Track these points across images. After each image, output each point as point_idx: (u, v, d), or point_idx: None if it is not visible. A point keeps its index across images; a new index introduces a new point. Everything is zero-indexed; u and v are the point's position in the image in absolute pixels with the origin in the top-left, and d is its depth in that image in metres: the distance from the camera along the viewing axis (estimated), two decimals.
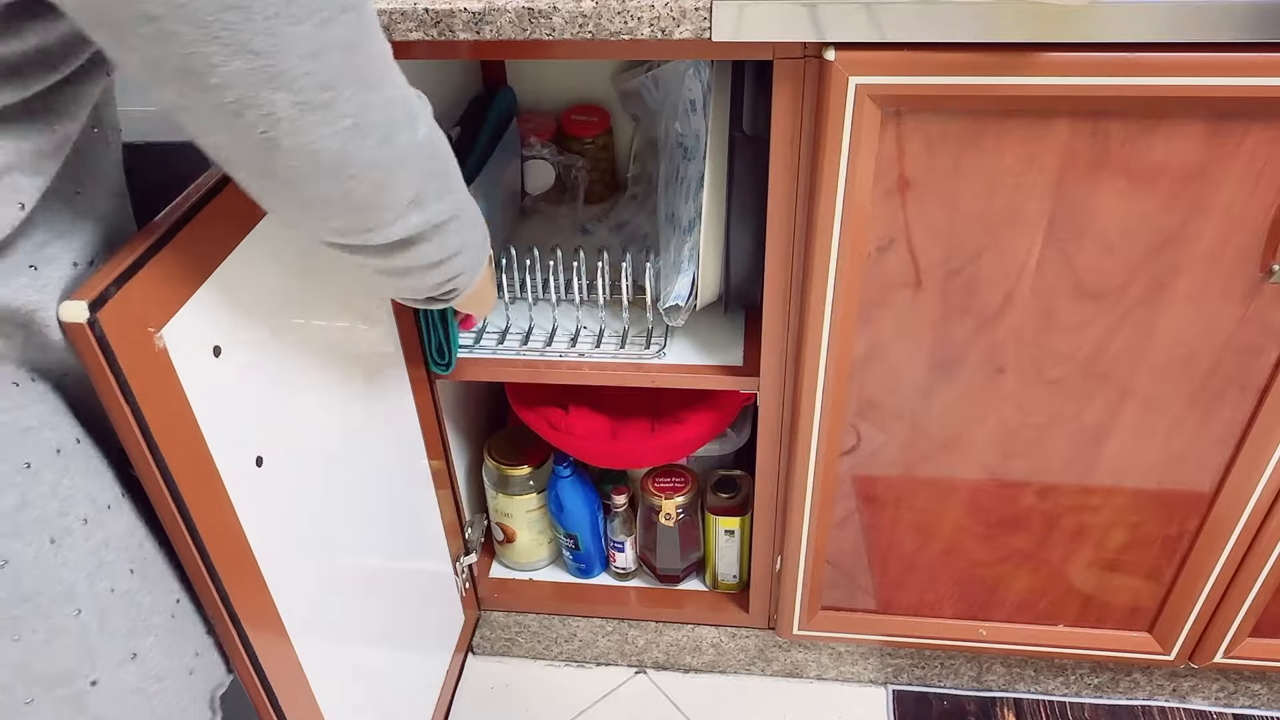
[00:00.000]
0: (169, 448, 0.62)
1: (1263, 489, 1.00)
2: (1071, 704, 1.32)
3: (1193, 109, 0.78)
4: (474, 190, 1.05)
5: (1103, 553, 1.11)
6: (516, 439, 1.29)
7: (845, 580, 1.19)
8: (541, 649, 1.40)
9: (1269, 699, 1.30)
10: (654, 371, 1.06)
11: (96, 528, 0.61)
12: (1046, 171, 0.83)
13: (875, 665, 1.34)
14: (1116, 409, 0.98)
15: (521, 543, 1.34)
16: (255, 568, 0.75)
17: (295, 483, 0.81)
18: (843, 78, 0.78)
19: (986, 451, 1.03)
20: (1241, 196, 0.82)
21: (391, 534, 1.05)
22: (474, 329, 1.12)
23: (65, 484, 0.58)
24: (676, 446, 1.18)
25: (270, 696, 0.78)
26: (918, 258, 0.89)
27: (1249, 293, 0.88)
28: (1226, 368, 0.93)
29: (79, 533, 0.59)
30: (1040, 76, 0.76)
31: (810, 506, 1.10)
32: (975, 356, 0.96)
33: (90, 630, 0.61)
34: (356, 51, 0.52)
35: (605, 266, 1.06)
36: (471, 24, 0.80)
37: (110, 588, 0.62)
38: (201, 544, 0.67)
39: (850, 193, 0.84)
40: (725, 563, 1.31)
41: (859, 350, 0.97)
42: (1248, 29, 0.73)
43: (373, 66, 0.53)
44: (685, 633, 1.35)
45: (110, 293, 0.57)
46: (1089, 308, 0.91)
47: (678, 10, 0.77)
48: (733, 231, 0.99)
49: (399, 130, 0.56)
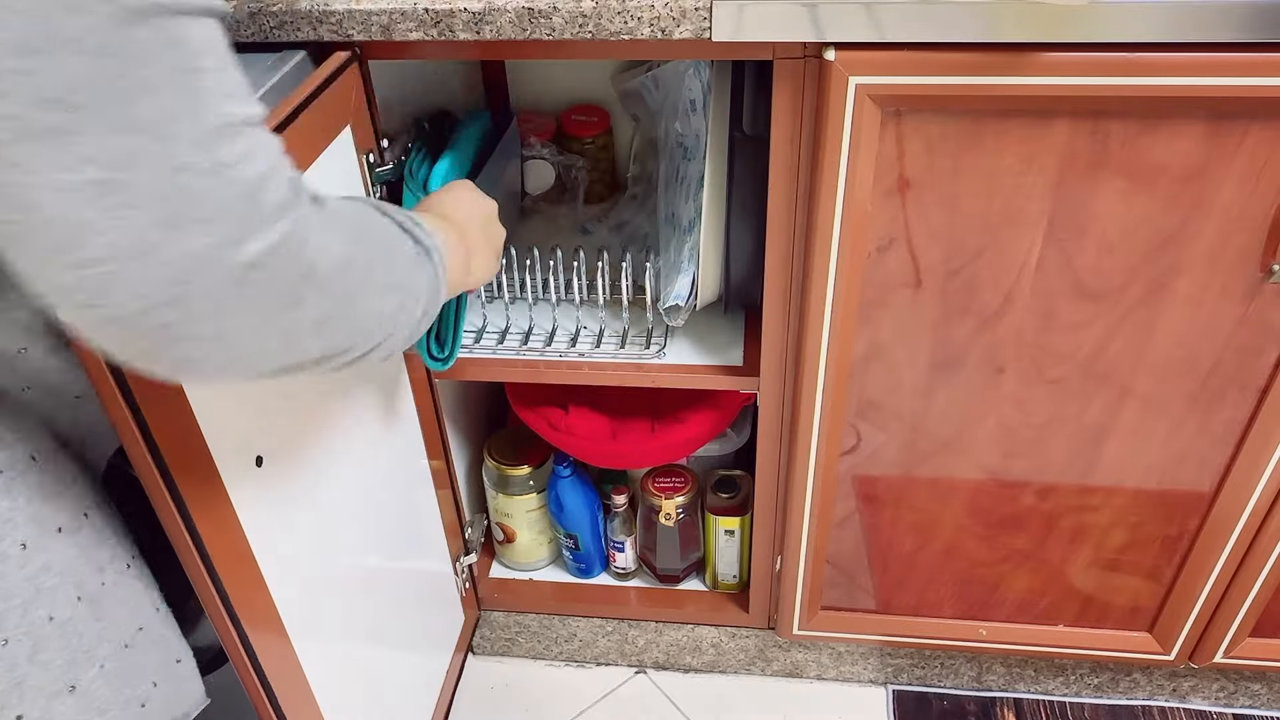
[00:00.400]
0: (169, 448, 0.62)
1: (1263, 489, 1.00)
2: (1071, 704, 1.32)
3: (1193, 109, 0.78)
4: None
5: (1103, 553, 1.11)
6: (516, 439, 1.29)
7: (845, 580, 1.19)
8: (541, 649, 1.40)
9: (1269, 699, 1.30)
10: (654, 371, 1.06)
11: (38, 552, 0.57)
12: (1046, 171, 0.83)
13: (875, 665, 1.34)
14: (1116, 409, 0.98)
15: (521, 543, 1.34)
16: (255, 568, 0.75)
17: (295, 483, 0.81)
18: (843, 78, 0.78)
19: (986, 451, 1.03)
20: (1241, 196, 0.82)
21: (391, 534, 1.05)
22: (475, 329, 1.12)
23: (2, 506, 0.55)
24: (676, 446, 1.18)
25: (270, 696, 0.78)
26: (918, 258, 0.89)
27: (1249, 293, 0.88)
28: (1226, 368, 0.93)
29: (14, 558, 0.56)
30: (1040, 76, 0.76)
31: (810, 506, 1.10)
32: (975, 356, 0.96)
33: (18, 662, 0.57)
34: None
35: (605, 267, 1.06)
36: (471, 24, 0.80)
37: (49, 616, 0.58)
38: (201, 544, 0.67)
39: (850, 193, 0.84)
40: (725, 563, 1.31)
41: (859, 350, 0.97)
42: (1248, 29, 0.73)
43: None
44: (685, 633, 1.35)
45: None
46: (1089, 308, 0.91)
47: (678, 10, 0.77)
48: (733, 231, 0.99)
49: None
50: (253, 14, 0.81)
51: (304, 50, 0.83)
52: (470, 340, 1.11)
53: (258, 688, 0.77)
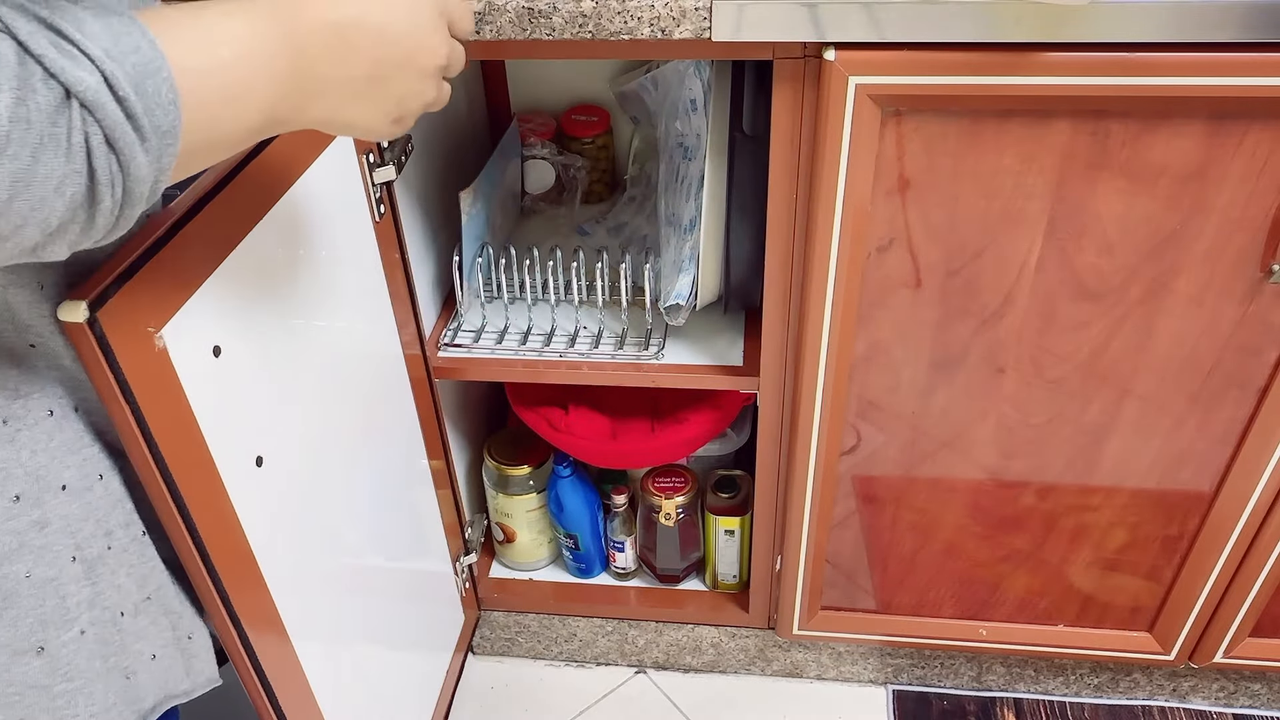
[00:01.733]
0: (169, 448, 0.62)
1: (1263, 489, 1.00)
2: (1071, 704, 1.32)
3: (1193, 109, 0.78)
4: (474, 189, 1.05)
5: (1103, 553, 1.11)
6: (516, 439, 1.29)
7: (845, 580, 1.19)
8: (541, 649, 1.40)
9: (1269, 699, 1.30)
10: (654, 371, 1.06)
11: (32, 507, 0.55)
12: (1046, 171, 0.83)
13: (875, 665, 1.34)
14: (1116, 409, 0.98)
15: (521, 543, 1.34)
16: (255, 568, 0.75)
17: (295, 483, 0.81)
18: (842, 78, 0.78)
19: (986, 451, 1.03)
20: (1241, 196, 0.82)
21: (391, 534, 1.05)
22: (474, 329, 1.12)
23: (1, 456, 0.53)
24: (676, 446, 1.18)
25: (270, 696, 0.78)
26: (918, 258, 0.89)
27: (1249, 293, 0.88)
28: (1226, 367, 0.93)
29: (1, 510, 0.54)
30: (1040, 76, 0.76)
31: (810, 506, 1.09)
32: (975, 356, 0.96)
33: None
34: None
35: (605, 267, 1.06)
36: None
37: (26, 573, 0.56)
38: (201, 544, 0.67)
39: (850, 193, 0.84)
40: (725, 563, 1.30)
41: (859, 350, 0.97)
42: (1248, 29, 0.73)
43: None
44: (685, 633, 1.35)
45: (110, 293, 0.56)
46: (1089, 308, 0.91)
47: (678, 10, 0.77)
48: (733, 231, 0.99)
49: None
50: None
51: None
52: (470, 340, 1.11)
53: (258, 688, 0.77)
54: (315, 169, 0.79)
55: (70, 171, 0.39)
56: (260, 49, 0.46)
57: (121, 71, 0.40)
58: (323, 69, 0.49)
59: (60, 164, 0.39)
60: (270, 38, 0.46)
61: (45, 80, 0.38)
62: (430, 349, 1.10)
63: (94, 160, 0.40)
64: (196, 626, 0.71)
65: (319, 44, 0.48)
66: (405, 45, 0.51)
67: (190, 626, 0.70)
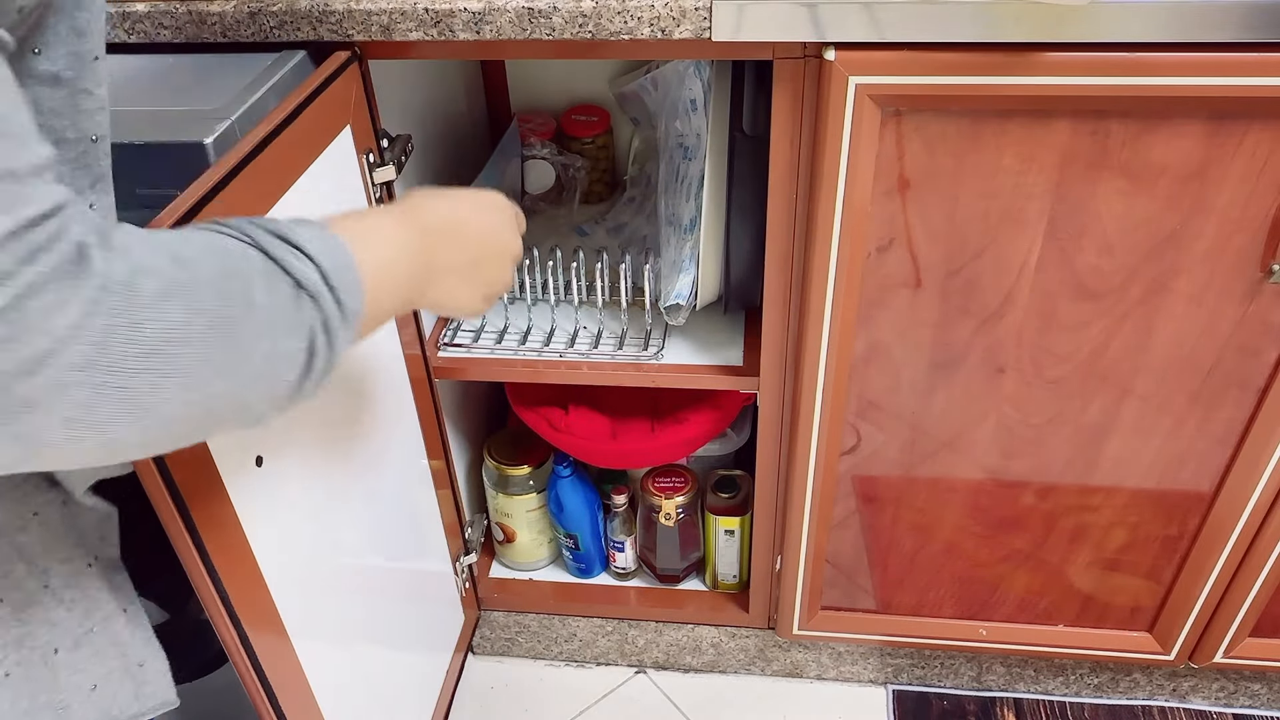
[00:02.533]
0: None
1: (1263, 489, 1.00)
2: (1071, 704, 1.32)
3: (1193, 109, 0.78)
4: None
5: (1102, 553, 1.11)
6: (516, 439, 1.29)
7: (845, 580, 1.19)
8: (541, 649, 1.40)
9: (1269, 699, 1.30)
10: (653, 372, 1.06)
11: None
12: (1046, 171, 0.83)
13: (875, 665, 1.34)
14: (1116, 409, 0.98)
15: (521, 543, 1.34)
16: (255, 568, 0.75)
17: (295, 483, 0.81)
18: (842, 78, 0.78)
19: (986, 451, 1.03)
20: (1241, 196, 0.82)
21: (391, 534, 1.05)
22: (474, 329, 1.12)
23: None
24: (676, 446, 1.18)
25: (270, 696, 0.78)
26: (918, 258, 0.89)
27: (1249, 293, 0.88)
28: (1226, 368, 0.93)
29: None
30: (1040, 76, 0.76)
31: (810, 506, 1.10)
32: (975, 356, 0.96)
33: None
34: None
35: (604, 267, 1.06)
36: (471, 24, 0.80)
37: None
38: (201, 544, 0.67)
39: (850, 193, 0.84)
40: (725, 563, 1.31)
41: (859, 350, 0.97)
42: (1248, 29, 0.73)
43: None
44: (685, 633, 1.35)
45: None
46: (1089, 308, 0.91)
47: (678, 10, 0.77)
48: (733, 231, 0.99)
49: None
50: (252, 14, 0.81)
51: (304, 50, 0.83)
52: (469, 340, 1.11)
53: (258, 688, 0.77)
54: (315, 169, 0.78)
55: (297, 349, 0.47)
56: (405, 244, 0.59)
57: (331, 267, 0.49)
58: (441, 258, 0.62)
59: (294, 343, 0.47)
60: (411, 235, 0.59)
61: (284, 276, 0.47)
62: (430, 349, 1.10)
63: (315, 340, 0.48)
64: (150, 653, 0.66)
65: (440, 237, 0.62)
66: (500, 239, 0.67)
67: (142, 654, 0.66)
